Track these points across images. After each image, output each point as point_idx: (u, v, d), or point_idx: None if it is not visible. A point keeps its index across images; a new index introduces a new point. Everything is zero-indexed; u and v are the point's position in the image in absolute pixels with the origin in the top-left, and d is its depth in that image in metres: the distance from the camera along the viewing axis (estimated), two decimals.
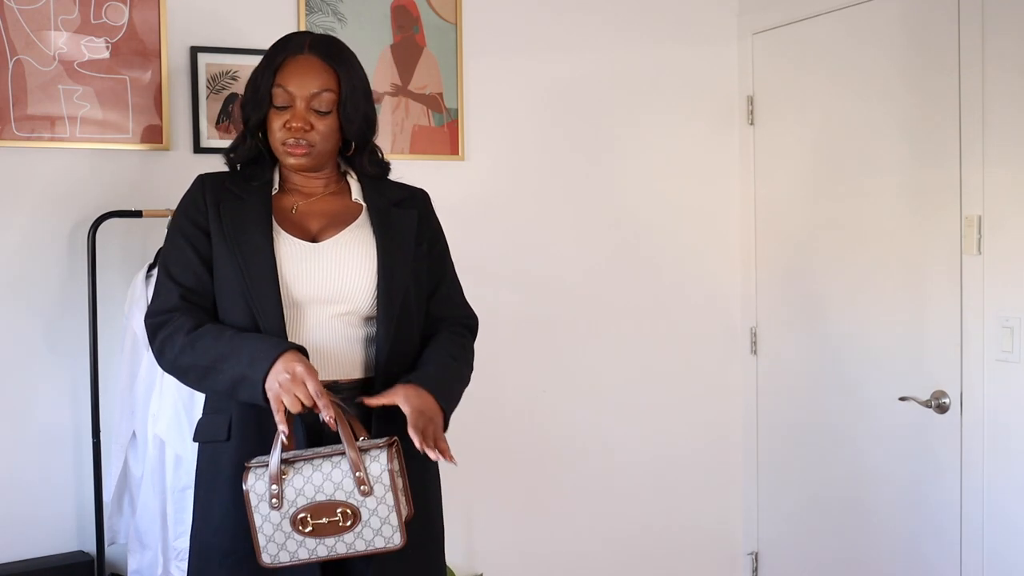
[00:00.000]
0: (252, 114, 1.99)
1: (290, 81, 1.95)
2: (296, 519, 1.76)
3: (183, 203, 2.02)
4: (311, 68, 1.96)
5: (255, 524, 1.77)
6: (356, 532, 1.77)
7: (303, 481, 1.77)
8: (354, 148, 2.06)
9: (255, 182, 2.01)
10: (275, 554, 1.78)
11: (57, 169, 2.58)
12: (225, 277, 1.93)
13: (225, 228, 1.94)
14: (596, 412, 3.30)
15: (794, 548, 3.34)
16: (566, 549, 3.27)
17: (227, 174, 2.04)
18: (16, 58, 2.51)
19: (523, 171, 3.17)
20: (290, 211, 2.00)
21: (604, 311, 3.30)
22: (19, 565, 2.50)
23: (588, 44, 3.24)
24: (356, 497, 1.76)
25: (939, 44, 2.74)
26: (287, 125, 1.94)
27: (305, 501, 1.77)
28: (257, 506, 1.77)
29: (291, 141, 1.94)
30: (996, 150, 2.60)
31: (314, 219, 2.01)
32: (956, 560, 2.75)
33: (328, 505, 1.77)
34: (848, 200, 3.07)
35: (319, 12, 2.85)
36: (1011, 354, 2.58)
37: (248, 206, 1.97)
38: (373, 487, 1.76)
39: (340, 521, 1.77)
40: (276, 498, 1.76)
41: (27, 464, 2.57)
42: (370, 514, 1.77)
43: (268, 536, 1.77)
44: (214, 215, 1.95)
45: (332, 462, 1.78)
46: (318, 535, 1.77)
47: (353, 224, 2.01)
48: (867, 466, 3.03)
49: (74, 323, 2.58)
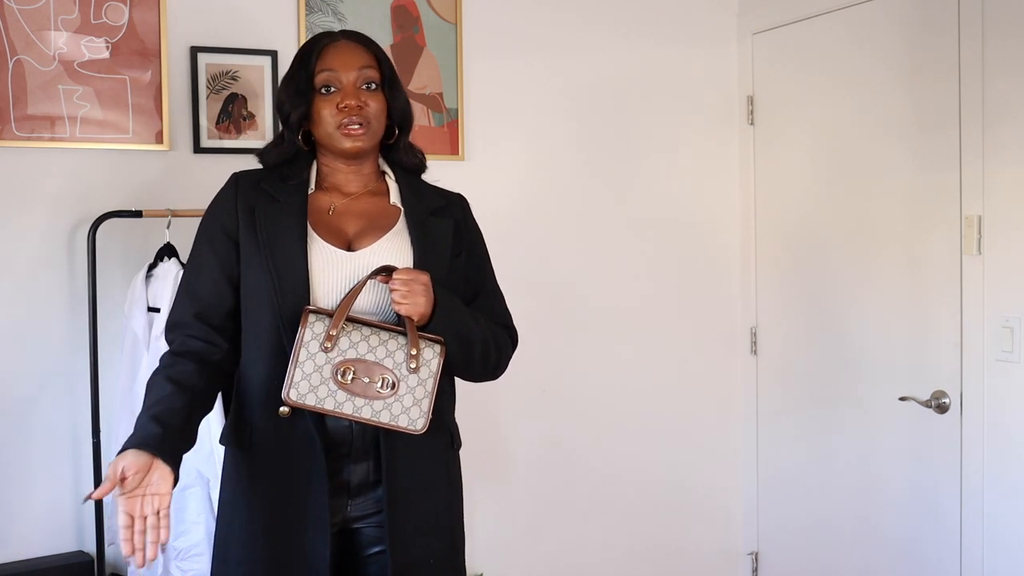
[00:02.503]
0: (294, 108, 1.93)
1: (334, 62, 1.91)
2: (338, 367, 1.79)
3: (214, 206, 1.95)
4: (351, 49, 1.94)
5: (298, 358, 1.77)
6: (386, 402, 1.81)
7: (360, 337, 1.81)
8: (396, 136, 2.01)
9: (292, 181, 1.94)
10: (303, 393, 1.78)
11: (57, 169, 2.58)
12: (255, 284, 1.87)
13: (259, 234, 1.87)
14: (596, 412, 3.30)
15: (794, 548, 3.34)
16: (566, 548, 3.27)
17: (262, 172, 1.97)
18: (16, 58, 2.51)
19: (523, 171, 3.17)
20: (327, 212, 1.94)
21: (603, 311, 3.30)
22: (19, 565, 2.50)
23: (588, 44, 3.24)
24: (402, 371, 1.81)
25: (939, 44, 2.74)
26: (341, 106, 1.89)
27: (355, 355, 1.80)
28: (308, 343, 1.78)
29: (347, 121, 1.89)
30: (996, 150, 2.60)
31: (351, 220, 1.94)
32: (956, 560, 2.75)
33: (374, 366, 1.80)
34: (848, 200, 3.07)
35: (319, 12, 2.85)
36: (1011, 354, 2.58)
37: (284, 209, 1.90)
38: (420, 367, 1.82)
39: (379, 386, 1.80)
40: (330, 341, 1.78)
41: (27, 464, 2.57)
42: (408, 390, 1.81)
43: (305, 374, 1.78)
44: (247, 220, 1.89)
45: (391, 334, 1.83)
46: (351, 392, 1.79)
47: (391, 232, 1.93)
48: (867, 466, 3.03)
49: (74, 323, 2.58)
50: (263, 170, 1.98)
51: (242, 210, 1.90)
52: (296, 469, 1.85)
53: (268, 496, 1.87)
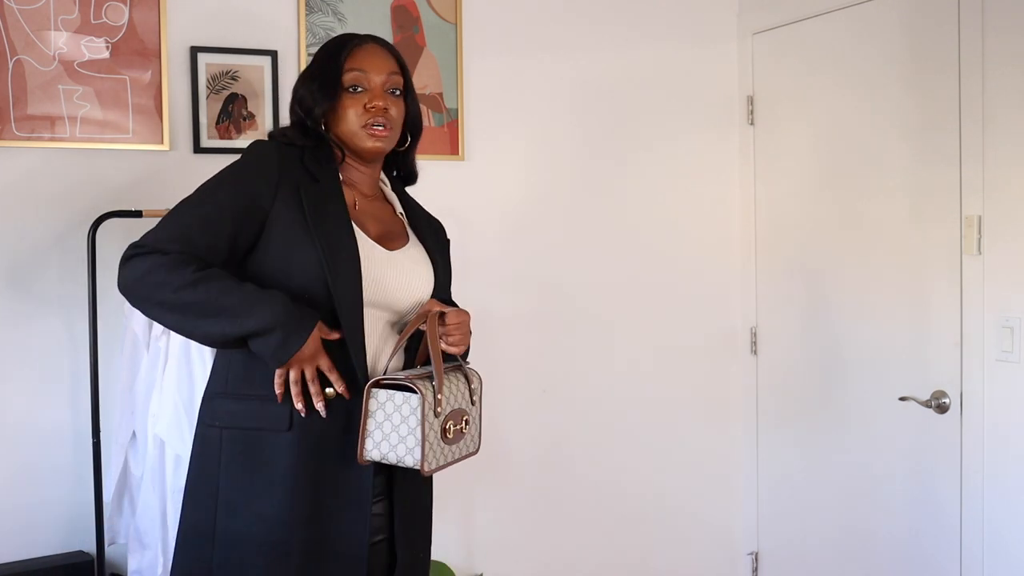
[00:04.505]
0: (319, 104, 1.93)
1: (365, 63, 1.95)
2: (445, 426, 1.85)
3: (249, 165, 1.89)
4: (381, 53, 1.98)
5: (425, 432, 1.80)
6: (465, 439, 1.92)
7: (447, 391, 1.88)
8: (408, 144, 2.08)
9: (328, 164, 1.94)
10: (432, 461, 1.83)
11: (57, 169, 2.58)
12: (288, 267, 1.84)
13: (309, 216, 1.84)
14: (596, 412, 3.30)
15: (794, 548, 3.34)
16: (566, 547, 3.27)
17: (299, 149, 1.93)
18: (16, 58, 2.51)
19: (523, 171, 3.17)
20: (352, 207, 1.96)
21: (604, 310, 3.30)
22: (19, 565, 2.50)
23: (588, 44, 3.24)
24: (468, 406, 1.92)
25: (939, 44, 2.74)
26: (368, 106, 1.93)
27: (449, 408, 1.87)
28: (427, 414, 1.81)
29: (372, 122, 1.93)
30: (996, 150, 2.60)
31: (370, 221, 1.98)
32: (956, 560, 2.75)
33: (458, 412, 1.89)
34: (848, 200, 3.07)
35: (319, 12, 2.85)
36: (1011, 354, 2.58)
37: (326, 193, 1.89)
38: (474, 397, 1.95)
39: (463, 428, 1.90)
40: (440, 405, 1.84)
41: (27, 464, 2.57)
42: (471, 422, 1.94)
43: (431, 444, 1.82)
44: (290, 197, 1.85)
45: (453, 375, 1.92)
46: (450, 442, 1.87)
47: (411, 241, 2.03)
48: (867, 466, 3.03)
49: (74, 323, 2.58)
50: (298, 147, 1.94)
51: (285, 184, 1.86)
52: (336, 450, 1.86)
53: (308, 478, 1.84)
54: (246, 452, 1.87)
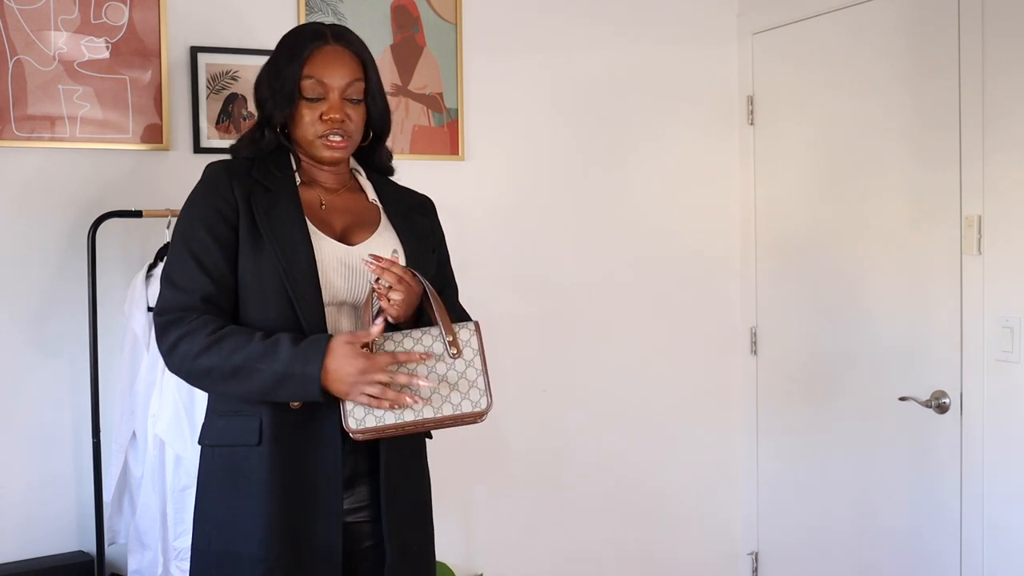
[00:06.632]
0: (278, 109, 1.93)
1: (324, 72, 1.91)
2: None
3: (205, 192, 1.90)
4: (341, 58, 1.94)
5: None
6: (444, 396, 1.80)
7: (394, 346, 1.80)
8: (372, 140, 2.04)
9: (279, 173, 1.94)
10: (361, 418, 1.77)
11: (57, 169, 2.58)
12: (259, 275, 1.85)
13: (260, 224, 1.86)
14: (596, 412, 3.30)
15: (794, 548, 3.34)
16: (566, 548, 3.27)
17: (248, 163, 1.94)
18: (16, 58, 2.51)
19: (523, 171, 3.17)
20: (318, 206, 1.95)
21: (604, 310, 3.30)
22: (19, 565, 2.50)
23: (588, 44, 3.24)
24: (446, 359, 1.81)
25: (939, 44, 2.74)
26: (325, 117, 1.91)
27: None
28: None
29: (328, 132, 1.91)
30: (996, 150, 2.60)
31: (338, 216, 1.97)
32: (956, 560, 2.75)
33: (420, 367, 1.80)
34: (848, 200, 3.07)
35: (319, 12, 2.85)
36: (1011, 354, 2.58)
37: (279, 199, 1.90)
38: (462, 349, 1.82)
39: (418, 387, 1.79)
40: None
41: (27, 464, 2.57)
42: (459, 376, 1.81)
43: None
44: (244, 209, 1.87)
45: (424, 331, 1.83)
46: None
47: (379, 228, 1.98)
48: (867, 466, 3.02)
49: (74, 323, 2.58)
50: (245, 160, 1.96)
51: (240, 197, 1.88)
52: (309, 461, 1.85)
53: (283, 491, 1.84)
54: (229, 468, 1.88)
